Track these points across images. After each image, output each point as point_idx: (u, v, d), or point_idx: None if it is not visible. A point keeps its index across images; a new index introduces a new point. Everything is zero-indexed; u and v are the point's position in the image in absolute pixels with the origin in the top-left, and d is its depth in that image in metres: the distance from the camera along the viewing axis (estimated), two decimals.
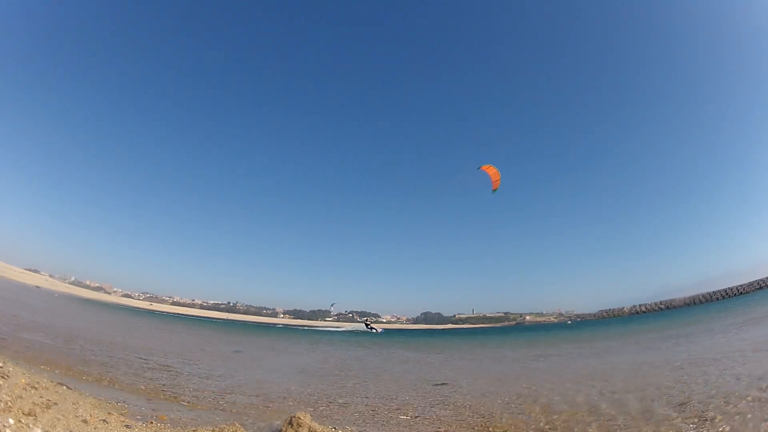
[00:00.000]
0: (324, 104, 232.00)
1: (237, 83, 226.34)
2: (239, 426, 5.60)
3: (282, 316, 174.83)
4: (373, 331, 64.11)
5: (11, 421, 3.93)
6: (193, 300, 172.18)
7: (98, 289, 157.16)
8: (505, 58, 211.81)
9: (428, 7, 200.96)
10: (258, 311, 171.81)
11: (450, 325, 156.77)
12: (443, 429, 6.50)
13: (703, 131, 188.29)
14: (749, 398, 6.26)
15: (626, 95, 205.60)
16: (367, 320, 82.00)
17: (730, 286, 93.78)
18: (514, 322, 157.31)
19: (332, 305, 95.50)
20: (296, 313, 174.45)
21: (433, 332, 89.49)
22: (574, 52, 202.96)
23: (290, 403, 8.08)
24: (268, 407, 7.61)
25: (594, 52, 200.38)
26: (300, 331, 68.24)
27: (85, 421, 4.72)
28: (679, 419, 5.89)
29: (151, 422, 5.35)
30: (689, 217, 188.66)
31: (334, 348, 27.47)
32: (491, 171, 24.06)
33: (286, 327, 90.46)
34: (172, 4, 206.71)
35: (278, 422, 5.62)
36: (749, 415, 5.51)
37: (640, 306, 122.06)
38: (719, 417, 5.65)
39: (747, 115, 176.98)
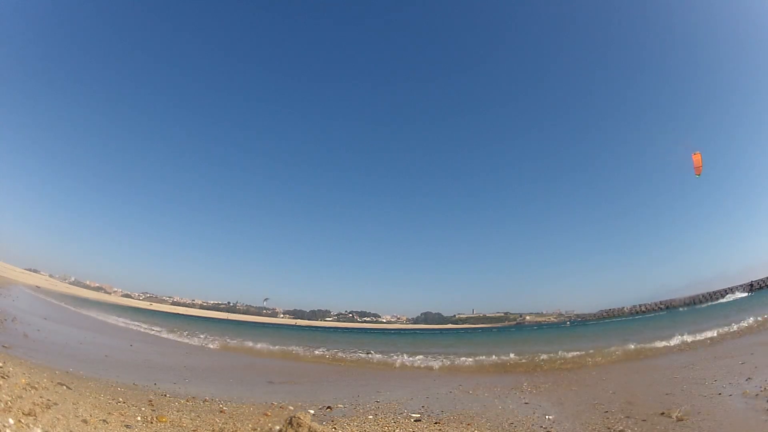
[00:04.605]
0: (324, 103, 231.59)
1: (236, 81, 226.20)
2: (239, 426, 5.63)
3: (282, 316, 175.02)
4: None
5: (11, 421, 3.94)
6: (193, 300, 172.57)
7: (98, 289, 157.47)
8: (504, 57, 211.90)
9: (428, 7, 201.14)
10: (258, 311, 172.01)
11: (450, 325, 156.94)
12: None
13: (703, 130, 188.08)
14: None
15: (626, 94, 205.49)
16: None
17: (729, 286, 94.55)
18: (515, 322, 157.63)
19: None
20: (296, 313, 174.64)
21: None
22: (574, 51, 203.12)
23: None
24: None
25: (593, 52, 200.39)
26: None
27: (85, 421, 4.73)
28: None
29: (152, 422, 5.35)
30: (688, 216, 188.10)
31: None
32: (695, 157, 28.96)
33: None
34: (171, 3, 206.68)
35: (278, 427, 5.62)
36: None
37: (640, 306, 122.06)
38: None
39: (746, 115, 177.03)
